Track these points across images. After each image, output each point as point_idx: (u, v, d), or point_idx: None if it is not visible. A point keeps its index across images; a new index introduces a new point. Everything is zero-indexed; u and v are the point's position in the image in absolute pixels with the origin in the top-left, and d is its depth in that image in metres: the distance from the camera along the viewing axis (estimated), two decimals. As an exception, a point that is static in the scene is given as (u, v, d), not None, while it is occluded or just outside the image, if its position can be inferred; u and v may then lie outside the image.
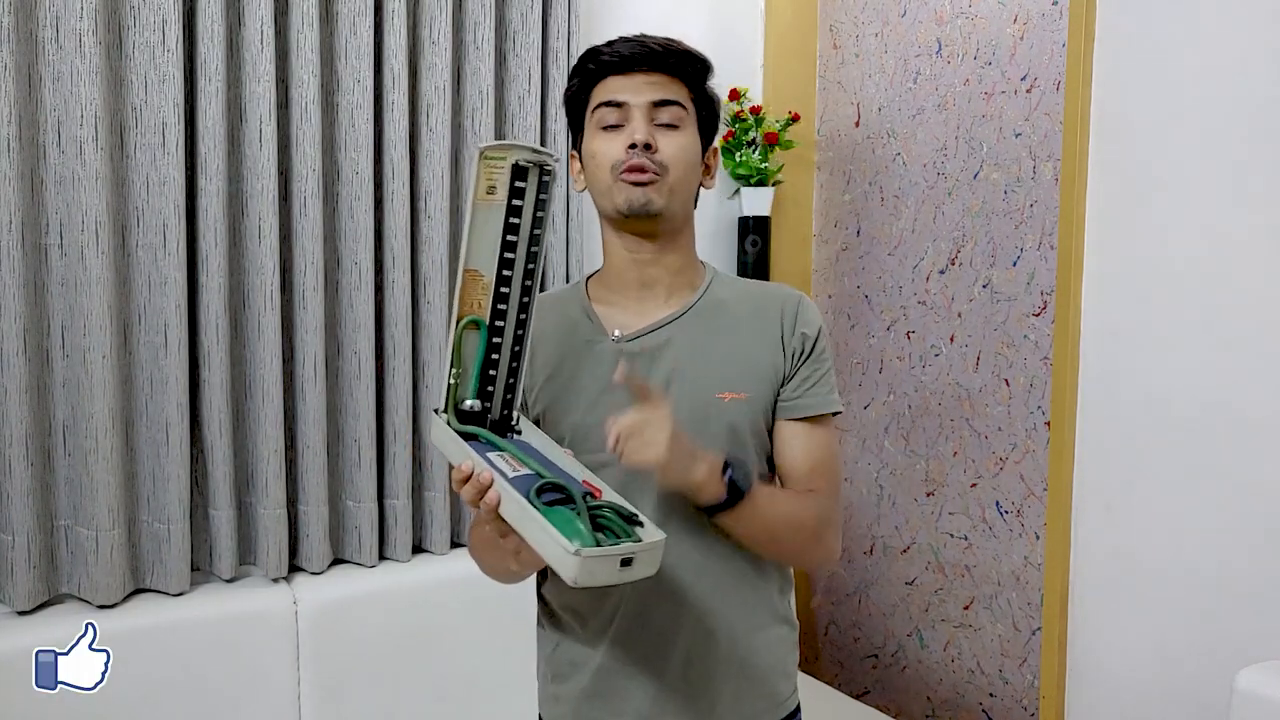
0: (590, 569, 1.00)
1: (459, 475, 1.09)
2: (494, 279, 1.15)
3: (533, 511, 1.04)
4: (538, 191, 1.15)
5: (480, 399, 1.18)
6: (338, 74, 1.99)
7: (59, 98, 1.76)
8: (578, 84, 1.30)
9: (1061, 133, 1.98)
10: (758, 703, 1.31)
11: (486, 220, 1.14)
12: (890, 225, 2.40)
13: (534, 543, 1.05)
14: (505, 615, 2.14)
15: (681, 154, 1.25)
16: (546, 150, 1.15)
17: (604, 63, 1.26)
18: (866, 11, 2.43)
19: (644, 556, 1.04)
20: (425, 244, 2.09)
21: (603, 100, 1.26)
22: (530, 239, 1.16)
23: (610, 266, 1.32)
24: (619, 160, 1.23)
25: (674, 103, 1.25)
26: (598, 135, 1.26)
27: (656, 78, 1.25)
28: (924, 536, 2.35)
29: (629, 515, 1.08)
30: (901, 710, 2.41)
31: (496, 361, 1.18)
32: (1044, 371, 2.06)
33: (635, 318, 1.29)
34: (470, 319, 1.16)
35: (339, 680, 1.98)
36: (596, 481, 1.14)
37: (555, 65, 2.18)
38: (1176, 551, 1.83)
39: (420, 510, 2.16)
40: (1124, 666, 1.92)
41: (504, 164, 1.13)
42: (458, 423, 1.17)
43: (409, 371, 2.08)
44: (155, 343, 1.87)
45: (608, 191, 1.25)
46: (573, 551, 0.99)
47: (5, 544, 1.79)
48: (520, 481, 1.08)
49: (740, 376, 1.26)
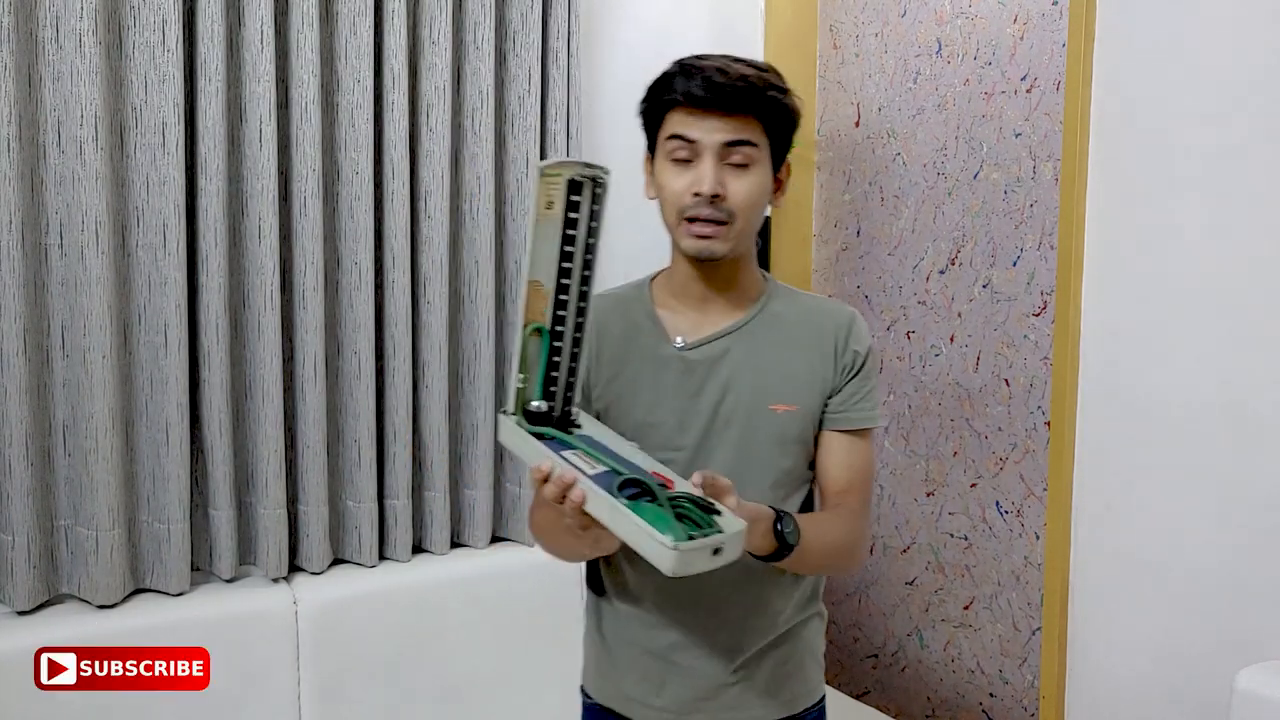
0: (687, 560, 1.08)
1: (538, 475, 1.14)
2: (554, 288, 1.23)
3: (624, 509, 1.11)
4: (591, 204, 1.22)
5: (545, 399, 1.26)
6: (338, 74, 1.99)
7: (59, 98, 1.76)
8: (650, 106, 1.31)
9: (1061, 133, 1.98)
10: (796, 687, 1.41)
11: (546, 234, 1.21)
12: (890, 225, 2.40)
13: (627, 538, 1.12)
14: (505, 615, 2.14)
15: (749, 197, 1.27)
16: (599, 165, 1.21)
17: (675, 99, 1.26)
18: (866, 11, 2.43)
19: (731, 544, 1.12)
20: (425, 244, 2.09)
21: (674, 133, 1.27)
22: (586, 248, 1.23)
23: (676, 275, 1.37)
24: (685, 206, 1.26)
25: (746, 143, 1.25)
26: (669, 166, 1.28)
27: (729, 120, 1.25)
28: (924, 536, 2.35)
29: (706, 505, 1.16)
30: (901, 710, 2.41)
31: (559, 364, 1.26)
32: (1044, 371, 2.06)
33: (697, 326, 1.35)
34: (534, 326, 1.24)
35: (339, 680, 1.98)
36: (666, 472, 1.22)
37: (555, 65, 2.18)
38: (1176, 551, 1.83)
39: (420, 510, 2.16)
40: (1124, 666, 1.92)
41: (560, 180, 1.20)
42: (527, 423, 1.25)
43: (409, 371, 2.08)
44: (155, 343, 1.87)
45: (674, 231, 1.30)
46: (671, 546, 1.07)
47: (5, 544, 1.79)
48: (600, 479, 1.16)
49: (792, 389, 1.33)
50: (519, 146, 2.17)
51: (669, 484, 1.19)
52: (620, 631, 1.40)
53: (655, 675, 1.37)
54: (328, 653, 1.97)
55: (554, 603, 2.18)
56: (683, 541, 1.08)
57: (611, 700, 1.42)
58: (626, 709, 1.40)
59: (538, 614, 2.17)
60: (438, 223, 2.08)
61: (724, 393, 1.32)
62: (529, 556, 2.20)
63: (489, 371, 2.16)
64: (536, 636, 2.15)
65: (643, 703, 1.38)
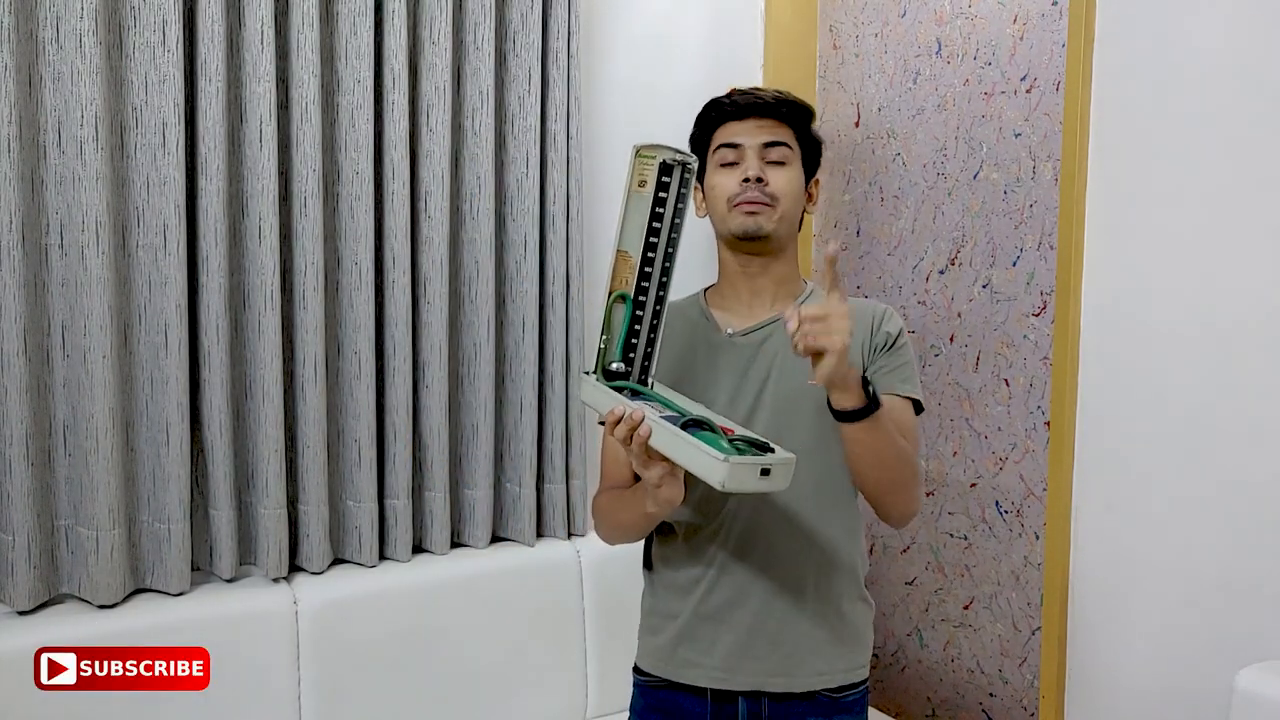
0: (737, 475, 1.19)
1: (612, 418, 1.29)
2: (639, 260, 1.35)
3: (684, 434, 1.23)
4: (679, 186, 1.34)
5: (624, 362, 1.37)
6: (338, 74, 1.99)
7: (59, 98, 1.76)
8: (699, 131, 1.56)
9: (1061, 133, 1.98)
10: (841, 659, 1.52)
11: (637, 209, 1.34)
12: (890, 225, 2.40)
13: (684, 460, 1.24)
14: (505, 616, 2.14)
15: (788, 185, 1.50)
16: (689, 153, 1.36)
17: (724, 112, 1.52)
18: (866, 11, 2.43)
19: (780, 469, 1.22)
20: (425, 244, 2.09)
21: (722, 142, 1.52)
22: (671, 226, 1.35)
23: (725, 279, 1.58)
24: (735, 193, 1.48)
25: (781, 143, 1.51)
26: (718, 171, 1.51)
27: (767, 123, 1.51)
28: (924, 536, 2.35)
29: (761, 444, 1.27)
30: (901, 710, 2.42)
31: (639, 331, 1.37)
32: (1044, 371, 2.06)
33: (745, 319, 1.55)
34: (619, 294, 1.36)
35: (339, 680, 1.98)
36: (729, 424, 1.34)
37: (555, 65, 2.18)
38: (1176, 551, 1.83)
39: (420, 510, 2.16)
40: (1124, 666, 1.92)
41: (654, 162, 1.33)
42: (606, 381, 1.36)
43: (409, 371, 2.08)
44: (155, 343, 1.87)
45: (725, 218, 1.50)
46: (722, 459, 1.18)
47: (5, 544, 1.79)
48: (667, 420, 1.28)
49: None
50: (519, 146, 2.17)
51: (729, 431, 1.31)
52: (671, 600, 1.54)
53: (706, 636, 1.51)
54: (328, 653, 1.97)
55: (554, 603, 2.19)
56: (734, 455, 1.19)
57: (665, 670, 1.55)
58: (680, 675, 1.53)
59: (538, 614, 2.17)
60: (438, 223, 2.08)
61: (769, 372, 1.49)
62: (529, 556, 2.20)
63: (489, 371, 2.16)
64: (536, 636, 2.15)
65: (696, 664, 1.51)
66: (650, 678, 1.58)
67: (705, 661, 1.51)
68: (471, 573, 2.15)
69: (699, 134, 1.57)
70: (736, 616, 1.49)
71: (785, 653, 1.49)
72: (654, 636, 1.57)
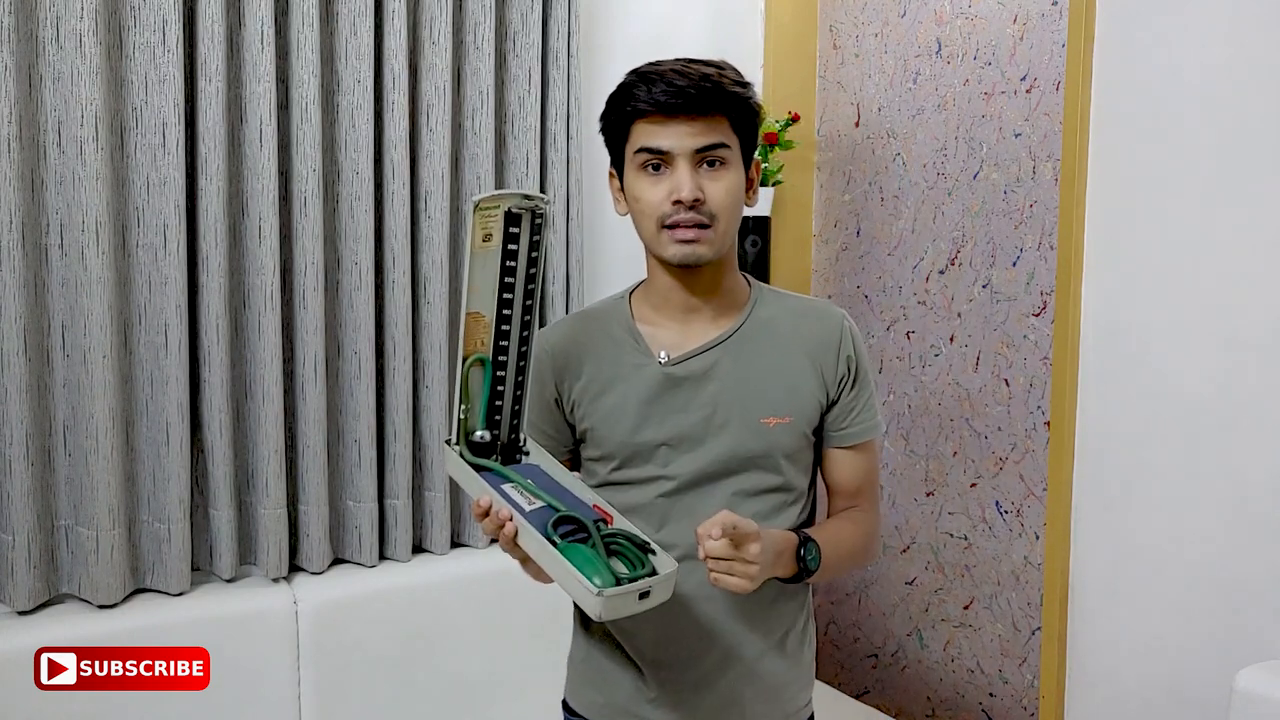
0: (613, 605, 1.09)
1: (478, 510, 1.16)
2: (494, 319, 1.21)
3: (552, 551, 1.13)
4: (531, 234, 1.19)
5: (489, 428, 1.25)
6: (338, 74, 1.99)
7: (59, 98, 1.76)
8: (614, 119, 1.26)
9: (1061, 133, 1.98)
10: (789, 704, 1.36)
11: (484, 266, 1.19)
12: (890, 225, 2.40)
13: (556, 578, 1.14)
14: (505, 616, 2.14)
15: (728, 197, 1.24)
16: (539, 195, 1.19)
17: (640, 109, 1.22)
18: (866, 11, 2.43)
19: (659, 587, 1.12)
20: (425, 244, 2.09)
21: (643, 145, 1.23)
22: (527, 278, 1.21)
23: (655, 288, 1.32)
24: (665, 214, 1.23)
25: (718, 145, 1.22)
26: (641, 177, 1.24)
27: (698, 123, 1.21)
28: (924, 536, 2.35)
29: (641, 544, 1.16)
30: (901, 710, 2.41)
31: (502, 393, 1.24)
32: (1044, 371, 2.06)
33: (681, 339, 1.31)
34: (476, 357, 1.22)
35: (339, 680, 1.98)
36: (606, 507, 1.22)
37: (555, 65, 2.18)
38: (1176, 551, 1.83)
39: (420, 510, 2.16)
40: (1124, 666, 1.92)
41: (497, 213, 1.17)
42: (470, 454, 1.24)
43: (409, 371, 2.08)
44: (155, 343, 1.87)
45: (654, 241, 1.26)
46: (595, 593, 1.07)
47: (5, 544, 1.79)
48: (536, 516, 1.16)
49: (785, 400, 1.29)
50: (519, 147, 2.17)
51: (608, 519, 1.20)
52: (608, 642, 1.36)
53: (645, 683, 1.33)
54: (328, 653, 1.96)
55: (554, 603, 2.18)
56: (609, 586, 1.08)
57: (598, 713, 1.38)
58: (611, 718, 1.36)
59: (537, 614, 2.16)
60: (438, 223, 2.08)
61: (713, 408, 1.28)
62: (529, 556, 2.20)
63: (489, 371, 2.16)
64: (536, 636, 2.15)
65: (633, 713, 1.34)
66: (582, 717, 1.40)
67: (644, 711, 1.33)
68: (471, 573, 2.14)
69: (613, 124, 1.27)
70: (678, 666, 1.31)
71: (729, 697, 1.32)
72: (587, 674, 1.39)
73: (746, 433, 1.28)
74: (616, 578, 1.10)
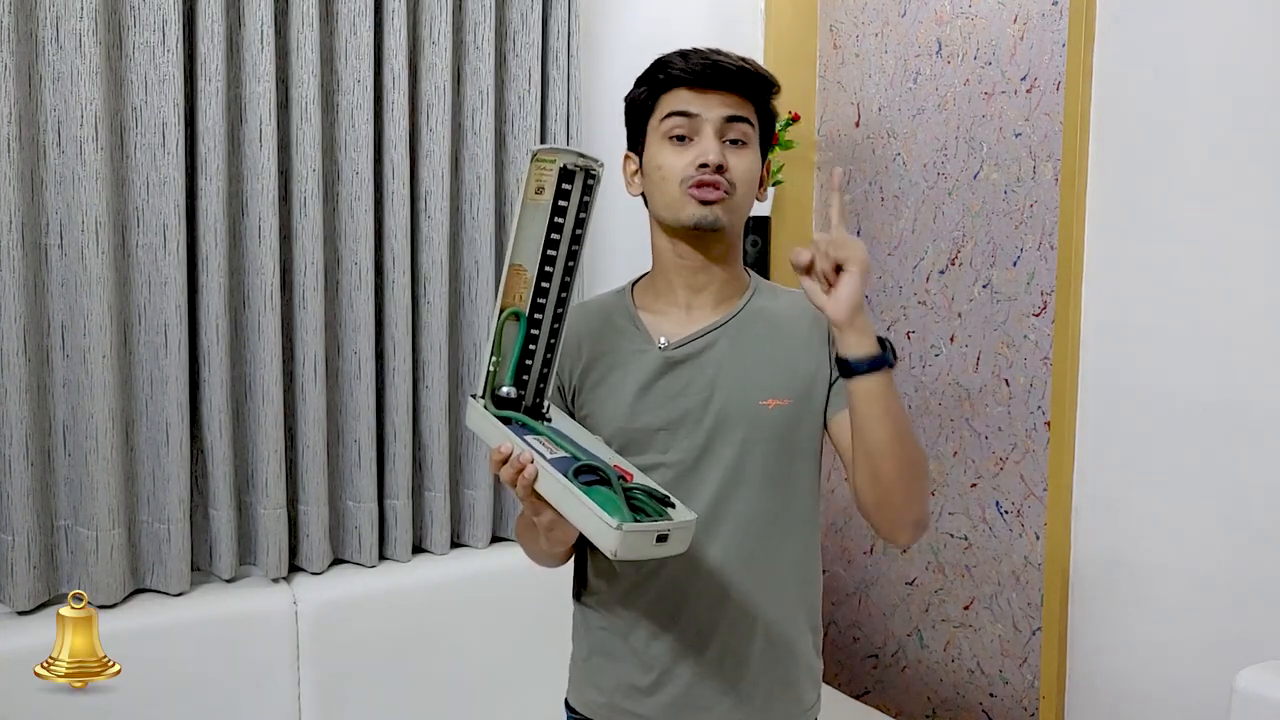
0: (630, 543, 1.06)
1: (498, 456, 1.14)
2: (535, 274, 1.20)
3: (574, 489, 1.10)
4: (582, 194, 1.19)
5: (516, 386, 1.23)
6: (338, 74, 1.99)
7: (59, 98, 1.76)
8: (646, 91, 1.29)
9: (1061, 133, 1.98)
10: (789, 705, 1.35)
11: (533, 219, 1.19)
12: (890, 225, 2.40)
13: (574, 518, 1.11)
14: (505, 616, 2.14)
15: (748, 173, 1.27)
16: (593, 156, 1.19)
17: (676, 78, 1.26)
18: (866, 11, 2.43)
19: (678, 533, 1.10)
20: (425, 244, 2.08)
21: (674, 109, 1.26)
22: (572, 238, 1.21)
23: (660, 273, 1.34)
24: (689, 176, 1.24)
25: (744, 120, 1.26)
26: (665, 146, 1.27)
27: (729, 97, 1.26)
28: (924, 536, 2.35)
29: (661, 497, 1.14)
30: (901, 710, 2.41)
31: (533, 352, 1.23)
32: (1044, 371, 2.06)
33: (681, 325, 1.32)
34: (512, 310, 1.21)
35: (339, 680, 1.98)
36: (627, 466, 1.20)
37: (555, 65, 2.18)
38: (1176, 551, 1.83)
39: (420, 510, 2.16)
40: (1124, 666, 1.92)
41: (553, 167, 1.18)
42: (495, 408, 1.22)
43: (409, 371, 2.08)
44: (155, 343, 1.87)
45: (674, 204, 1.27)
46: (614, 526, 1.05)
47: (5, 544, 1.79)
48: (558, 463, 1.14)
49: (784, 383, 1.29)
50: (519, 146, 2.17)
51: (628, 476, 1.18)
52: (607, 640, 1.36)
53: (644, 681, 1.33)
54: (328, 653, 1.96)
55: (554, 603, 2.17)
56: (627, 522, 1.06)
57: (597, 712, 1.38)
58: (609, 715, 1.36)
59: (538, 614, 2.16)
60: (438, 223, 2.08)
61: (711, 390, 1.28)
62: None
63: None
64: (536, 636, 2.15)
65: (632, 711, 1.34)
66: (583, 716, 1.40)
67: (643, 710, 1.33)
68: (471, 573, 2.14)
69: (642, 97, 1.30)
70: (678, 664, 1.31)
71: (730, 698, 1.32)
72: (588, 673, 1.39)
73: (745, 415, 1.28)
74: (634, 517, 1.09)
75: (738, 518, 1.29)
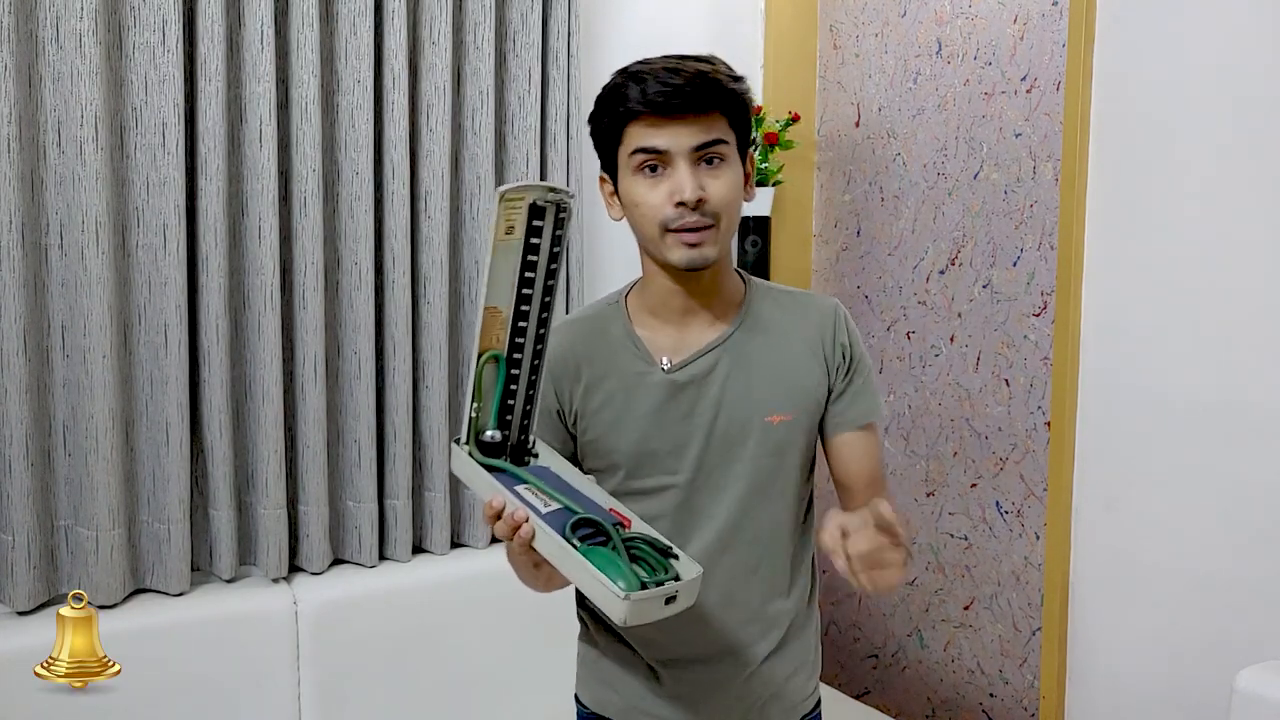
0: (639, 610, 1.05)
1: (490, 511, 1.11)
2: (512, 314, 1.18)
3: (574, 554, 1.08)
4: (554, 229, 1.16)
5: (500, 428, 1.21)
6: (338, 74, 1.99)
7: (59, 98, 1.76)
8: (607, 122, 1.22)
9: (1061, 133, 1.98)
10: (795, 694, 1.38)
11: (505, 259, 1.15)
12: (890, 225, 2.40)
13: (577, 581, 1.10)
14: (505, 616, 2.14)
15: (730, 194, 1.21)
16: (563, 189, 1.16)
17: (634, 110, 1.18)
18: (866, 12, 2.43)
19: (685, 592, 1.09)
20: (425, 244, 2.08)
21: (639, 146, 1.19)
22: (547, 274, 1.17)
23: (653, 291, 1.30)
24: (668, 217, 1.19)
25: (717, 142, 1.19)
26: (639, 181, 1.21)
27: (695, 122, 1.18)
28: (924, 537, 2.35)
29: (663, 548, 1.13)
30: (902, 710, 2.41)
31: (514, 392, 1.20)
32: (1044, 371, 2.06)
33: (680, 343, 1.29)
34: (491, 354, 1.18)
35: (339, 680, 1.98)
36: (623, 510, 1.18)
37: (555, 65, 2.18)
38: (1176, 551, 1.83)
39: (420, 510, 2.16)
40: (1124, 666, 1.92)
41: (521, 204, 1.14)
42: (480, 454, 1.20)
43: (409, 371, 2.08)
44: (155, 343, 1.87)
45: (658, 246, 1.22)
46: (622, 596, 1.03)
47: (5, 544, 1.79)
48: (553, 518, 1.12)
49: (786, 397, 1.29)
50: (519, 146, 2.17)
51: (626, 523, 1.16)
52: (616, 640, 1.36)
53: (655, 680, 1.34)
54: (328, 653, 1.96)
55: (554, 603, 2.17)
56: (634, 590, 1.04)
57: (608, 709, 1.38)
58: (625, 717, 1.37)
59: (537, 614, 2.15)
60: (438, 223, 2.08)
61: (716, 411, 1.27)
62: (529, 556, 2.20)
63: (489, 371, 2.16)
64: (536, 637, 2.15)
65: (643, 710, 1.35)
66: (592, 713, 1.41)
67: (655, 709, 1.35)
68: (471, 573, 2.14)
69: (606, 126, 1.23)
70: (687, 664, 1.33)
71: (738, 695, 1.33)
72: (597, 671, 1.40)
73: (750, 432, 1.27)
74: (641, 582, 1.07)
75: (746, 530, 1.29)
